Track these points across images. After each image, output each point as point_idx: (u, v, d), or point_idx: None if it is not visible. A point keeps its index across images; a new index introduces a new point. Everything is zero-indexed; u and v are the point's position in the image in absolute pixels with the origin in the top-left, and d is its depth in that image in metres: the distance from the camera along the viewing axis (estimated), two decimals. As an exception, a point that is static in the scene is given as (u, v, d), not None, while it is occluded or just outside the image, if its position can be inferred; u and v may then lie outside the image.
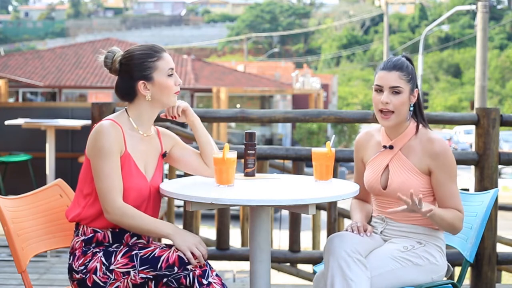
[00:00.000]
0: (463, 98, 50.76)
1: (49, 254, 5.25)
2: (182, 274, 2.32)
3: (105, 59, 2.53)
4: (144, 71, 2.49)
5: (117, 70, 2.53)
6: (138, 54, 2.51)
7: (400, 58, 2.65)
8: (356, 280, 2.40)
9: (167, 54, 2.55)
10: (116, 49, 2.55)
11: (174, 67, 2.56)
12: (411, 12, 74.84)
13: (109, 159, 2.40)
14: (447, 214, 2.55)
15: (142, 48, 2.53)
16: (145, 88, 2.50)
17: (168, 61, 2.53)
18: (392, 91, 2.59)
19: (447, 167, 2.57)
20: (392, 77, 2.60)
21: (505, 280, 7.29)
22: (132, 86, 2.51)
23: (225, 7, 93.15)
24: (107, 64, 2.53)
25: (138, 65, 2.49)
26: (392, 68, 2.61)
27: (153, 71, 2.50)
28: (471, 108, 20.23)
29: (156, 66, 2.50)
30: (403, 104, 2.60)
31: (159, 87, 2.51)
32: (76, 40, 61.66)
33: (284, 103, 28.77)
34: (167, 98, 2.54)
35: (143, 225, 2.40)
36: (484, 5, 15.25)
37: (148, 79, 2.49)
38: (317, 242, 5.42)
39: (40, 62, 25.31)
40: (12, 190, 7.56)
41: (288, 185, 2.65)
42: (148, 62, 2.49)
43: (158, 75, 2.50)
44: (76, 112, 7.97)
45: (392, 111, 2.59)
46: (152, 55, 2.51)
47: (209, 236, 5.28)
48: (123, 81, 2.53)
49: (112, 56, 2.53)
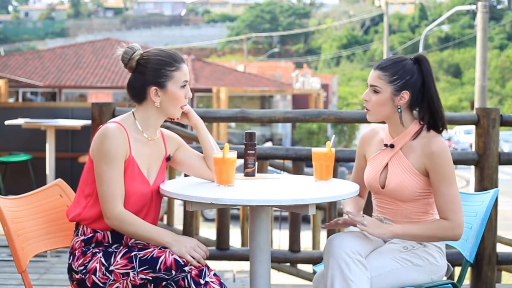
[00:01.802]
0: (463, 98, 50.74)
1: (49, 254, 5.25)
2: (180, 276, 2.31)
3: (123, 54, 2.50)
4: (160, 78, 2.48)
5: (133, 67, 2.51)
6: (157, 59, 2.49)
7: (394, 58, 2.62)
8: (356, 281, 2.39)
9: (185, 66, 2.53)
10: (136, 46, 2.52)
11: (188, 80, 2.55)
12: (411, 12, 74.84)
13: (113, 164, 2.40)
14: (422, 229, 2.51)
15: (163, 55, 2.50)
16: (156, 94, 2.49)
17: (185, 73, 2.51)
18: (373, 90, 2.61)
19: (441, 168, 2.51)
20: (374, 75, 2.61)
21: (505, 280, 7.29)
22: (143, 88, 2.49)
23: (225, 7, 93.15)
24: (124, 59, 2.50)
25: (155, 70, 2.48)
26: (376, 67, 2.62)
27: (168, 80, 2.48)
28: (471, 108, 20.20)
29: (172, 75, 2.49)
30: (379, 104, 2.59)
31: (170, 97, 2.49)
32: (76, 40, 61.67)
33: (284, 103, 28.77)
34: (174, 109, 2.52)
35: (141, 232, 2.40)
36: (484, 5, 15.24)
37: (161, 86, 2.48)
38: (317, 242, 5.42)
39: (40, 62, 25.31)
40: (12, 190, 7.56)
41: (288, 185, 2.65)
42: (165, 70, 2.48)
43: (172, 85, 2.49)
44: (76, 112, 7.96)
45: (369, 109, 2.62)
46: (171, 64, 2.49)
47: (209, 236, 5.28)
48: (136, 80, 2.51)
49: (131, 52, 2.50)
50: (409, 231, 2.53)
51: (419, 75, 2.58)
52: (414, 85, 2.58)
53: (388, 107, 2.59)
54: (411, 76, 2.57)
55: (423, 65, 2.59)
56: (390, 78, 2.57)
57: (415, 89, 2.58)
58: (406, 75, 2.57)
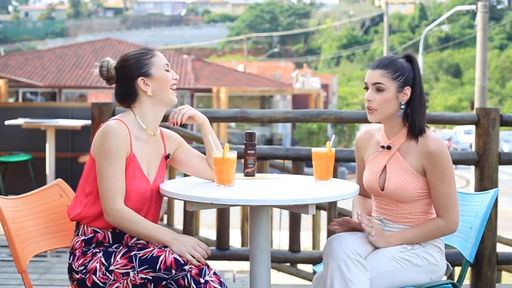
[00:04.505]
0: (463, 98, 50.74)
1: (49, 254, 5.25)
2: (180, 275, 2.32)
3: (100, 69, 2.57)
4: (142, 69, 2.54)
5: (114, 77, 2.57)
6: (132, 55, 2.57)
7: (389, 57, 2.64)
8: (356, 282, 2.39)
9: (159, 52, 2.63)
10: (108, 59, 2.60)
11: (168, 64, 2.61)
12: (411, 12, 74.86)
13: (115, 161, 2.41)
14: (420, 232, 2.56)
15: (135, 50, 2.60)
16: (145, 84, 2.54)
17: (162, 58, 2.60)
18: (375, 88, 2.60)
19: (439, 167, 2.53)
20: (375, 74, 2.60)
21: (505, 280, 7.28)
22: (131, 85, 2.53)
23: (225, 7, 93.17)
24: (103, 73, 2.57)
25: (134, 63, 2.54)
26: (376, 67, 2.62)
27: (150, 67, 2.55)
28: (471, 108, 20.22)
29: (152, 62, 2.56)
30: (386, 102, 2.59)
31: (159, 80, 2.55)
32: (76, 40, 61.67)
33: (284, 103, 28.76)
34: (166, 91, 2.56)
35: (141, 230, 2.40)
36: (484, 5, 15.24)
37: (147, 75, 2.54)
38: (317, 242, 5.42)
39: (40, 62, 25.32)
40: (12, 190, 7.56)
41: (288, 185, 2.65)
42: (144, 59, 2.55)
43: (156, 70, 2.55)
44: (76, 112, 7.96)
45: (376, 109, 2.60)
46: (147, 54, 2.57)
47: (209, 236, 5.28)
48: (122, 84, 2.56)
49: (106, 64, 2.58)
50: (408, 237, 2.56)
51: (412, 72, 2.62)
52: (412, 81, 2.62)
53: (393, 105, 2.60)
54: (409, 72, 2.62)
55: (415, 62, 2.64)
56: (393, 75, 2.59)
57: (413, 85, 2.61)
58: (406, 72, 2.61)
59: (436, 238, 2.59)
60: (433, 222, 2.57)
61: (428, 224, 2.57)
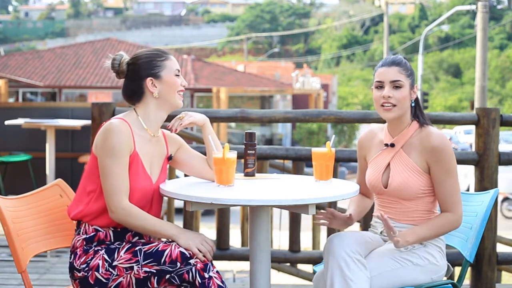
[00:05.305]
0: (463, 98, 50.71)
1: (49, 254, 5.25)
2: (184, 269, 2.32)
3: (112, 61, 2.58)
4: (153, 69, 2.54)
5: (124, 72, 2.58)
6: (146, 54, 2.57)
7: (398, 56, 2.69)
8: (356, 280, 2.40)
9: (173, 57, 2.62)
10: (123, 53, 2.61)
11: (180, 70, 2.62)
12: (411, 12, 74.84)
13: (118, 159, 2.42)
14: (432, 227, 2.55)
15: (150, 50, 2.60)
16: (153, 85, 2.55)
17: (175, 63, 2.61)
18: (393, 86, 2.62)
19: (444, 161, 2.55)
20: (392, 72, 2.62)
21: (505, 280, 7.28)
22: (140, 84, 2.55)
23: (225, 7, 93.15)
24: (114, 66, 2.57)
25: (146, 63, 2.55)
26: (391, 64, 2.64)
27: (161, 70, 2.55)
28: (471, 108, 20.22)
29: (164, 65, 2.56)
30: (405, 98, 2.62)
31: (167, 84, 2.55)
32: (76, 40, 61.68)
33: (284, 103, 28.77)
34: (173, 95, 2.57)
35: (147, 225, 2.41)
36: (484, 5, 15.25)
37: (156, 76, 2.55)
38: (317, 242, 5.42)
39: (40, 62, 25.31)
40: (12, 190, 7.56)
41: (288, 185, 2.65)
42: (156, 61, 2.56)
43: (166, 74, 2.56)
44: (76, 112, 7.97)
45: (395, 104, 2.61)
46: (161, 55, 2.58)
47: (209, 236, 5.27)
48: (130, 81, 2.57)
49: (120, 58, 2.58)
50: (421, 234, 2.54)
51: None
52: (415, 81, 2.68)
53: (408, 101, 2.64)
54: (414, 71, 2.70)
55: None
56: (407, 72, 2.64)
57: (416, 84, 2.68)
58: (413, 70, 2.69)
59: (445, 233, 2.59)
60: (442, 217, 2.58)
61: (439, 219, 2.57)
